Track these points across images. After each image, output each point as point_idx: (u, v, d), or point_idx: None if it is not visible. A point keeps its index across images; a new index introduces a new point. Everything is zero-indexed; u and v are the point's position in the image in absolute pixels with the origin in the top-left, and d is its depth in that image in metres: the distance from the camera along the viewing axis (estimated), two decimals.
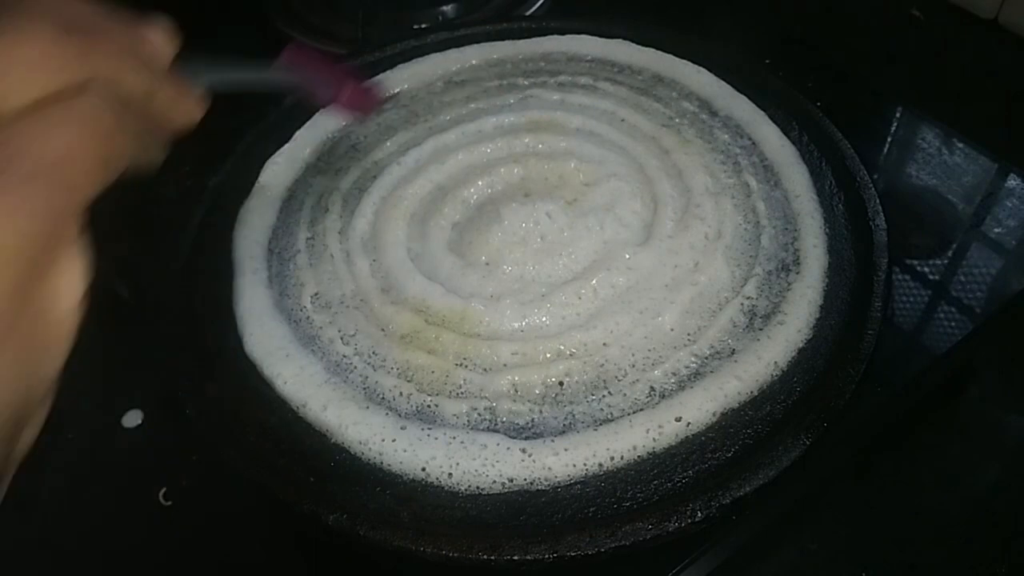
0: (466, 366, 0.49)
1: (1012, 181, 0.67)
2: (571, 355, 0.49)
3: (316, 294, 0.54)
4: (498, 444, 0.44)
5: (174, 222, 0.59)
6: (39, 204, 0.28)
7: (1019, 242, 0.63)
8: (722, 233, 0.55)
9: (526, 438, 0.45)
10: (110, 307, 0.62)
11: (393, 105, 0.68)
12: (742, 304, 0.51)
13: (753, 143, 0.62)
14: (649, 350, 0.49)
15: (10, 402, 0.27)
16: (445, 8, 0.90)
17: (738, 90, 0.66)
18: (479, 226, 0.56)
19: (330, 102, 0.54)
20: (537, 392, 0.48)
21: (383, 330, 0.51)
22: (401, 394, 0.48)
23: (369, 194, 0.60)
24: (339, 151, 0.65)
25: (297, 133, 0.65)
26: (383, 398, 0.48)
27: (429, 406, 0.47)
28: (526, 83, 0.69)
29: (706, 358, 0.49)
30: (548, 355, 0.49)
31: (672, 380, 0.48)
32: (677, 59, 0.70)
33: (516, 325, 0.51)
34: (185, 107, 0.38)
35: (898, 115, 0.76)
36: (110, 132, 0.31)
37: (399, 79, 0.70)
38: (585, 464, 0.44)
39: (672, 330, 0.50)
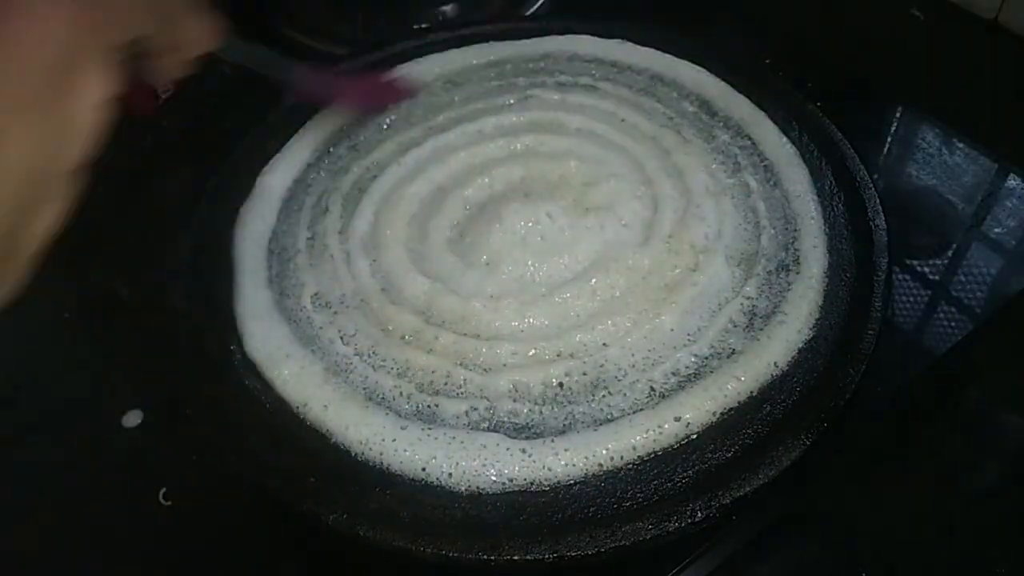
0: (466, 366, 0.49)
1: (1012, 181, 0.67)
2: (571, 355, 0.49)
3: (316, 294, 0.54)
4: (498, 444, 0.44)
5: (174, 222, 0.59)
6: (64, 14, 0.33)
7: (1019, 242, 0.63)
8: (722, 233, 0.55)
9: (526, 438, 0.45)
10: (110, 307, 0.63)
11: (394, 105, 0.68)
12: (742, 304, 0.51)
13: (753, 143, 0.62)
14: (649, 350, 0.49)
15: (29, 172, 0.32)
16: (445, 8, 0.90)
17: (738, 90, 0.66)
18: (479, 226, 0.56)
19: (336, 99, 0.62)
20: (537, 392, 0.48)
21: (383, 330, 0.51)
22: (401, 394, 0.48)
23: (369, 194, 0.60)
24: (339, 151, 0.65)
25: (297, 133, 0.65)
26: (383, 398, 0.48)
27: (429, 406, 0.47)
28: (526, 83, 0.69)
29: (706, 358, 0.49)
30: (548, 355, 0.49)
31: (672, 380, 0.48)
32: (677, 59, 0.70)
33: (516, 325, 0.51)
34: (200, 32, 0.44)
35: (898, 115, 0.76)
36: None
37: None
38: (585, 464, 0.44)
39: (672, 330, 0.50)
